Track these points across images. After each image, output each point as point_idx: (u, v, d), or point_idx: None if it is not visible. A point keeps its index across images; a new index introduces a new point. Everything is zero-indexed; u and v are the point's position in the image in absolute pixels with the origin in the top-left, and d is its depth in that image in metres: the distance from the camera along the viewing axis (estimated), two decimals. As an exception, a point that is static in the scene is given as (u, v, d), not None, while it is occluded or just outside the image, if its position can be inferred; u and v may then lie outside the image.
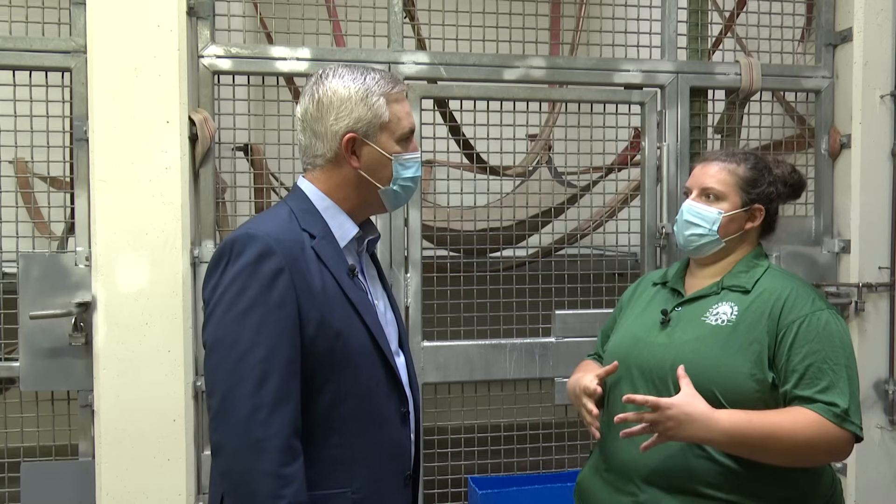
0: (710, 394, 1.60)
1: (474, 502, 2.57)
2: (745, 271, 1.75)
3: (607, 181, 3.09)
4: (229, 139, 2.60)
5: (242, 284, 1.33)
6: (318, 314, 1.38)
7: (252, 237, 1.36)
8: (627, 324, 1.86)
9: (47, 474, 2.33)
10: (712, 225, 1.74)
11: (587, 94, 2.73)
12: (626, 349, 1.77)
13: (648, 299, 1.87)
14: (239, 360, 1.31)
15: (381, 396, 1.46)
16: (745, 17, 3.02)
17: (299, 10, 2.57)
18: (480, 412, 2.74)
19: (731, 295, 1.71)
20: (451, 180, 2.74)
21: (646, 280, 1.98)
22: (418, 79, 2.57)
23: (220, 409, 1.32)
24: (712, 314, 1.70)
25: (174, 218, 2.28)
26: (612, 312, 2.02)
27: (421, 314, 2.55)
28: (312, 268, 1.39)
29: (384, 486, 1.47)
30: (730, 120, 2.83)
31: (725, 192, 1.75)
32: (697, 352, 1.65)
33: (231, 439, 1.30)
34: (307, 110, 1.47)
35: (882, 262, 2.74)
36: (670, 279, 1.87)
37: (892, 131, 2.74)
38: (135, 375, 2.26)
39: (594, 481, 1.79)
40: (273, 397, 1.31)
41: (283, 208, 1.48)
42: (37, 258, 2.31)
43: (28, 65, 2.34)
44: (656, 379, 1.68)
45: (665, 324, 1.75)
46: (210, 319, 1.37)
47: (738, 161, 1.78)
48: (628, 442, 1.65)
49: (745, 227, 1.77)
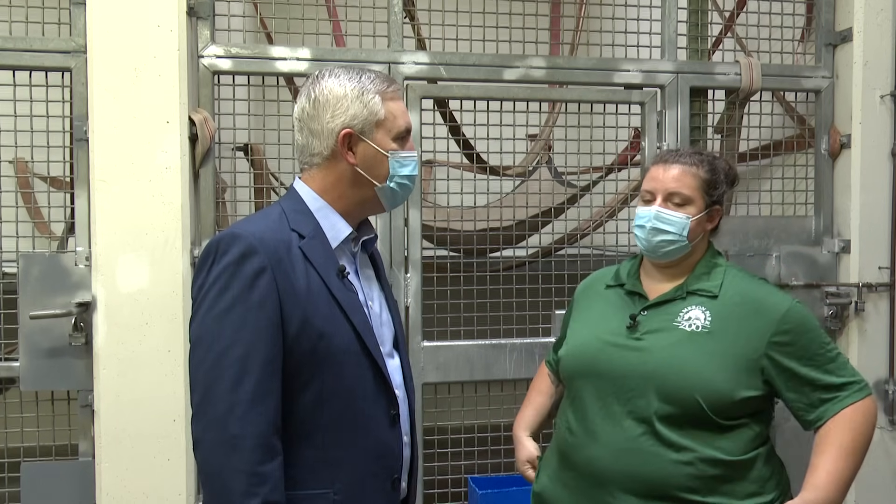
0: (694, 402, 1.60)
1: (474, 502, 2.57)
2: (706, 273, 1.74)
3: (607, 181, 3.09)
4: (229, 139, 2.60)
5: (225, 283, 1.36)
6: (302, 314, 1.38)
7: (236, 237, 1.38)
8: (588, 327, 1.81)
9: (47, 474, 2.33)
10: (682, 231, 1.71)
11: (587, 94, 2.73)
12: (593, 355, 1.73)
13: (604, 301, 1.83)
14: (218, 358, 1.34)
15: (367, 398, 1.46)
16: (745, 17, 3.02)
17: (299, 10, 2.57)
18: (480, 412, 2.74)
19: (698, 299, 1.70)
20: (451, 180, 2.73)
21: (597, 279, 1.93)
22: (418, 79, 2.57)
23: (199, 404, 1.34)
24: (683, 319, 1.68)
25: (174, 218, 2.28)
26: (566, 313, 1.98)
27: (421, 314, 2.55)
28: (298, 268, 1.40)
29: (368, 488, 1.47)
30: (730, 120, 2.83)
31: (691, 196, 1.72)
32: (677, 357, 1.64)
33: (208, 434, 1.33)
34: (304, 109, 1.48)
35: (882, 262, 2.74)
36: (626, 281, 1.82)
37: (892, 131, 2.74)
38: (135, 375, 2.26)
39: (557, 490, 1.76)
40: (250, 395, 1.32)
41: (274, 209, 1.50)
42: (37, 258, 2.31)
43: (28, 65, 2.34)
44: (630, 386, 1.65)
45: (632, 328, 1.72)
46: (194, 317, 1.39)
47: (696, 163, 1.74)
48: (601, 449, 1.65)
49: (706, 229, 1.76)
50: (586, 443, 1.68)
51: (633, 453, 1.61)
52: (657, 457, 1.61)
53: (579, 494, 1.70)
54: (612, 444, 1.64)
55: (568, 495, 1.73)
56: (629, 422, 1.64)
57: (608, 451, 1.64)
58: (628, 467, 1.62)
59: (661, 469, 1.61)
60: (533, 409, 1.98)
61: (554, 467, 1.79)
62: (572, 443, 1.72)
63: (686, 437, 1.61)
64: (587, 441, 1.68)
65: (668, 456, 1.61)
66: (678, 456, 1.60)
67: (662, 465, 1.61)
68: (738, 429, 1.64)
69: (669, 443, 1.61)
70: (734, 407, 1.62)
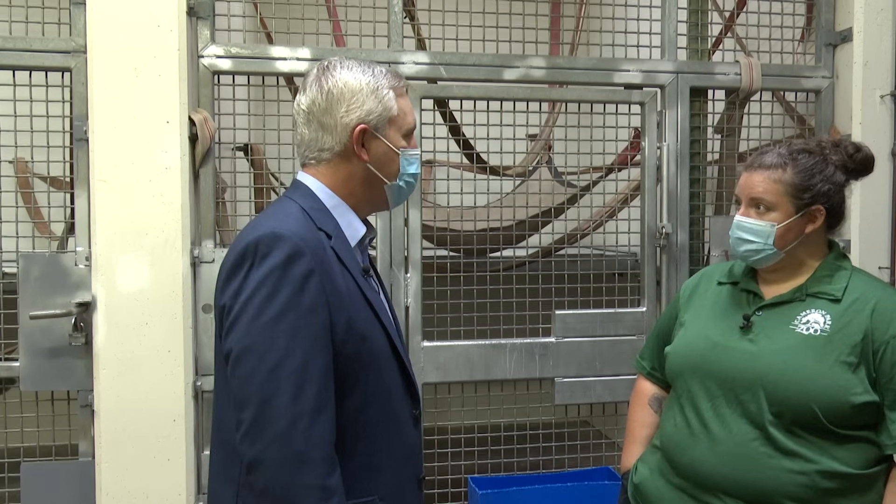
0: (809, 409, 1.53)
1: (474, 502, 2.57)
2: (828, 275, 1.65)
3: (607, 181, 3.09)
4: (229, 139, 2.60)
5: (272, 288, 1.26)
6: (346, 317, 1.33)
7: (279, 237, 1.29)
8: (698, 324, 1.75)
9: (47, 474, 2.33)
10: (767, 239, 1.62)
11: (587, 94, 2.73)
12: (702, 354, 1.68)
13: (716, 299, 1.76)
14: (274, 369, 1.24)
15: (398, 399, 1.43)
16: (745, 17, 3.02)
17: (299, 10, 2.57)
18: (480, 412, 2.74)
19: (819, 302, 1.62)
20: (451, 180, 2.73)
21: (707, 276, 1.85)
22: (418, 79, 2.57)
23: (255, 421, 1.24)
24: (801, 322, 1.60)
25: (174, 218, 2.28)
26: (667, 310, 1.92)
27: (421, 314, 2.55)
28: (335, 268, 1.35)
29: (405, 491, 1.44)
30: (730, 120, 2.83)
31: (775, 202, 1.62)
32: (791, 363, 1.57)
33: (271, 453, 1.23)
34: (315, 101, 1.41)
35: (882, 262, 2.74)
36: (740, 279, 1.74)
37: (892, 131, 2.74)
38: (135, 375, 2.26)
39: (660, 485, 1.71)
40: (312, 406, 1.25)
41: (290, 206, 1.40)
42: (37, 258, 2.31)
43: (28, 65, 2.34)
44: (740, 389, 1.60)
45: (745, 329, 1.65)
46: (236, 326, 1.28)
47: (783, 166, 1.63)
48: (709, 451, 1.61)
49: (805, 231, 1.64)
50: (693, 443, 1.64)
51: (743, 458, 1.56)
52: (769, 463, 1.55)
53: (683, 493, 1.66)
54: (720, 446, 1.59)
55: (671, 491, 1.68)
56: (741, 425, 1.59)
57: (716, 453, 1.60)
58: (737, 472, 1.57)
59: (773, 477, 1.55)
60: (640, 445, 1.88)
61: (656, 462, 1.75)
62: (678, 441, 1.68)
63: (801, 444, 1.55)
64: (694, 441, 1.64)
65: (781, 463, 1.55)
66: (791, 464, 1.54)
67: (774, 473, 1.55)
68: (858, 441, 1.56)
69: (784, 450, 1.55)
70: (852, 414, 1.53)
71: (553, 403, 2.67)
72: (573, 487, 2.55)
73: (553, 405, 2.68)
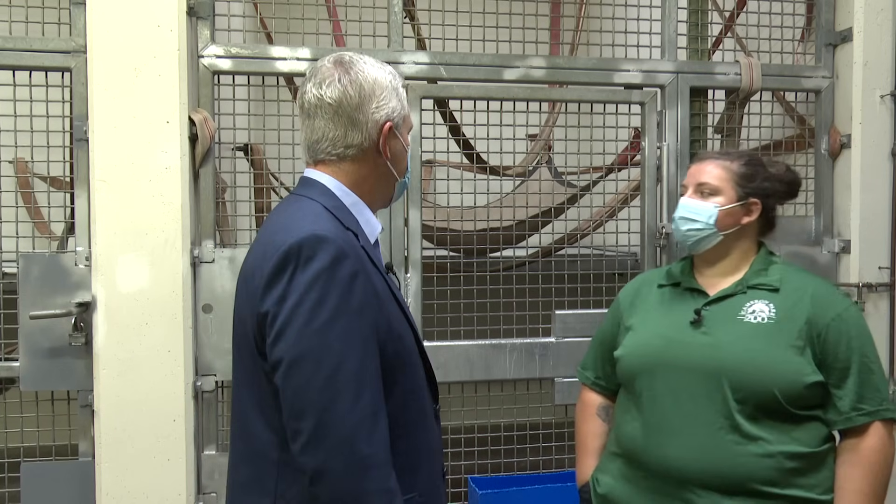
0: (770, 393, 1.62)
1: (474, 502, 2.57)
2: (763, 269, 1.78)
3: (607, 181, 3.09)
4: (229, 139, 2.60)
5: (321, 292, 1.24)
6: (386, 317, 1.33)
7: (322, 239, 1.26)
8: (648, 325, 1.83)
9: (47, 474, 2.33)
10: (708, 219, 1.76)
11: (587, 94, 2.73)
12: (659, 351, 1.75)
13: (660, 300, 1.85)
14: (332, 375, 1.22)
15: (426, 396, 1.44)
16: (745, 17, 3.02)
17: (299, 10, 2.57)
18: (480, 412, 2.74)
19: (760, 293, 1.73)
20: (451, 180, 2.73)
21: (647, 281, 1.95)
22: (418, 79, 2.57)
23: (316, 429, 1.22)
24: (748, 312, 1.70)
25: (174, 218, 2.28)
26: (607, 319, 1.98)
27: (421, 314, 2.55)
28: (370, 268, 1.33)
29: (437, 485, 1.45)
30: (730, 120, 2.83)
31: (720, 186, 1.78)
32: (750, 350, 1.66)
33: (334, 461, 1.21)
34: (346, 95, 1.36)
35: (882, 262, 2.74)
36: (681, 279, 1.85)
37: (892, 131, 2.74)
38: (135, 375, 2.26)
39: (629, 491, 1.75)
40: (371, 409, 1.24)
41: (314, 205, 1.36)
42: (37, 258, 2.31)
43: (28, 65, 2.34)
44: (702, 381, 1.67)
45: (696, 324, 1.73)
46: (285, 333, 1.24)
47: (731, 158, 1.81)
48: (678, 447, 1.64)
49: (741, 222, 1.79)
50: (660, 441, 1.68)
51: (713, 449, 1.62)
52: (738, 450, 1.62)
53: (654, 493, 1.70)
54: (690, 440, 1.63)
55: (640, 495, 1.72)
56: (706, 417, 1.64)
57: (686, 448, 1.64)
58: (710, 464, 1.63)
59: (744, 463, 1.61)
60: (594, 457, 1.93)
61: (618, 469, 1.78)
62: (644, 442, 1.71)
63: (764, 429, 1.62)
64: (661, 440, 1.68)
65: (748, 449, 1.62)
66: (758, 448, 1.62)
67: (745, 460, 1.62)
68: (811, 420, 1.66)
69: (749, 435, 1.62)
70: (805, 394, 1.63)
71: (553, 403, 2.67)
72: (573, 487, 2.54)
73: (553, 405, 2.68)
